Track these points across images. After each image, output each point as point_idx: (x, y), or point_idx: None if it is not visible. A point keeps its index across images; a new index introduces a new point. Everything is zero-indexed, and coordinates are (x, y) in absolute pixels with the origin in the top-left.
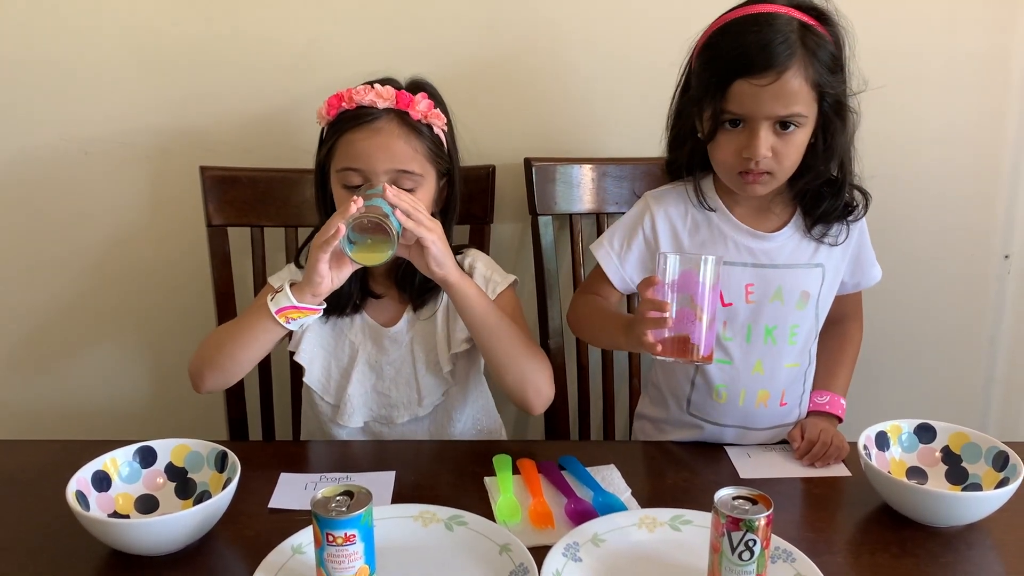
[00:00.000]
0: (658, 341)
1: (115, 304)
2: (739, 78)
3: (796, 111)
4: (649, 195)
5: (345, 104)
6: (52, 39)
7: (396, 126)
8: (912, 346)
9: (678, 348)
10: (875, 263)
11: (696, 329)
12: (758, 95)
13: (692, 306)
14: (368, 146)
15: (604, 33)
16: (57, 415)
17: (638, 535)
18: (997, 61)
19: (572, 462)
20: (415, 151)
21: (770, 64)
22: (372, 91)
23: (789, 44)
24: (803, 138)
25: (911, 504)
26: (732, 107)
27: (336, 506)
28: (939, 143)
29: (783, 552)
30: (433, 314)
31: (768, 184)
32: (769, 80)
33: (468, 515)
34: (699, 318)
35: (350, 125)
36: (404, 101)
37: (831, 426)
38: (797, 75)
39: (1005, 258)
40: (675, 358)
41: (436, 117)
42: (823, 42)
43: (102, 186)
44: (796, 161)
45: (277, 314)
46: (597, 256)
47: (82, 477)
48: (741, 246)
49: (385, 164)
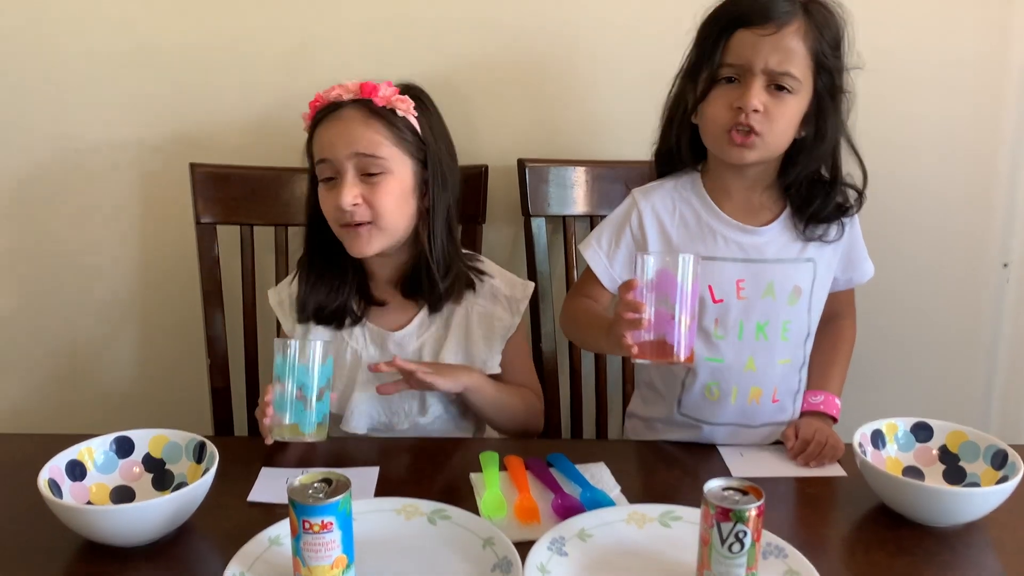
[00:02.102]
0: (636, 343)
1: (104, 301)
2: (741, 27)
3: (790, 70)
4: (636, 192)
5: (319, 104)
6: (43, 38)
7: (358, 112)
8: (911, 352)
9: (656, 350)
10: (867, 258)
11: (673, 330)
12: (757, 44)
13: (669, 306)
14: (331, 134)
15: (598, 35)
16: (44, 412)
17: (626, 530)
18: (993, 64)
19: (561, 459)
20: (378, 134)
21: (772, 15)
22: (340, 87)
23: (793, 4)
24: (795, 106)
25: (908, 501)
26: (730, 58)
27: (313, 492)
28: (935, 147)
29: (775, 548)
30: (447, 331)
31: (756, 149)
32: (770, 31)
33: (452, 509)
34: (676, 318)
35: (318, 118)
36: (368, 89)
37: (826, 426)
38: (796, 34)
39: (1004, 266)
40: (653, 360)
41: (400, 101)
42: (827, 17)
43: (93, 184)
44: (786, 132)
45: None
46: (585, 255)
47: (55, 465)
48: (730, 241)
49: (347, 149)
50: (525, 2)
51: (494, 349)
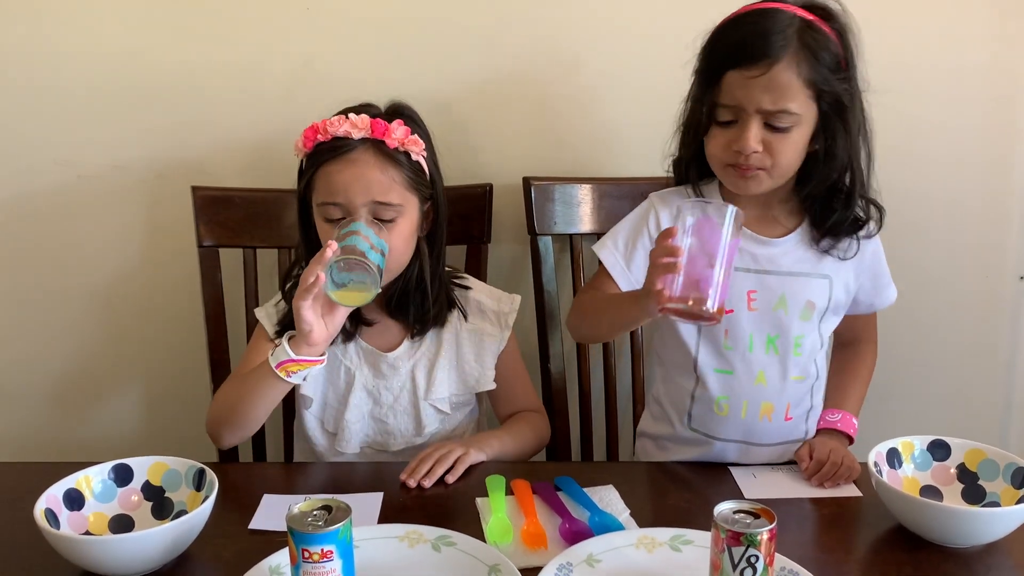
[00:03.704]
0: (667, 288)
1: (107, 329)
2: (731, 69)
3: (785, 107)
4: (654, 195)
5: (320, 136)
6: (45, 65)
7: (372, 156)
8: (927, 367)
9: (686, 301)
10: (891, 283)
11: (708, 278)
12: (748, 86)
13: (706, 254)
14: (345, 178)
15: (601, 52)
16: (46, 439)
17: (636, 555)
18: (1004, 74)
19: (568, 482)
20: (393, 181)
21: (761, 55)
22: (347, 121)
23: (785, 37)
24: (799, 137)
25: (926, 522)
26: (724, 99)
27: (312, 520)
28: (948, 159)
29: (789, 572)
30: (438, 349)
31: (762, 182)
32: (759, 72)
33: (456, 535)
34: (713, 267)
35: (327, 157)
36: (379, 130)
37: (841, 445)
38: (788, 69)
39: (1020, 279)
40: (682, 307)
41: (414, 143)
42: (824, 40)
43: (96, 211)
44: (793, 160)
45: (277, 368)
46: (601, 256)
47: (52, 495)
48: (744, 251)
49: (363, 196)
50: (527, 21)
51: (486, 365)
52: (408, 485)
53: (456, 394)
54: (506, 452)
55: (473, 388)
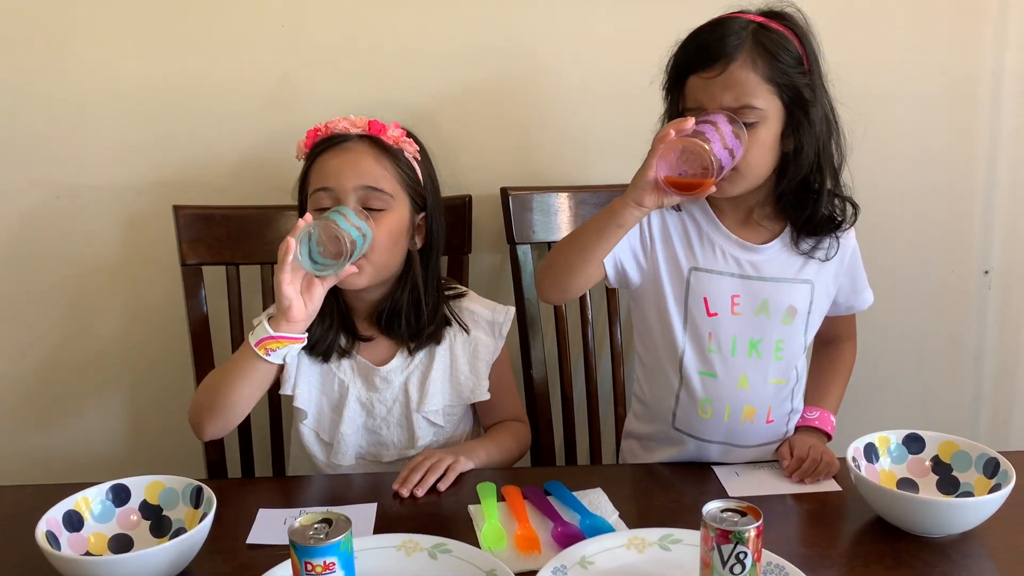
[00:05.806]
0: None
1: (91, 348)
2: (691, 74)
3: (748, 102)
4: None
5: (321, 133)
6: (22, 83)
7: (367, 147)
8: (897, 362)
9: (692, 141)
10: (867, 287)
11: (715, 139)
12: (707, 87)
13: (716, 128)
14: (337, 163)
15: (580, 61)
16: (31, 459)
17: (627, 556)
18: (968, 74)
19: (558, 487)
20: (385, 170)
21: (718, 55)
22: (346, 120)
23: (739, 38)
24: (767, 135)
25: (903, 514)
26: (689, 103)
27: (314, 534)
28: (913, 158)
29: (775, 567)
30: (431, 361)
31: (736, 184)
32: (716, 72)
33: (452, 542)
34: (719, 132)
35: (322, 147)
36: (376, 127)
37: (820, 442)
38: (744, 67)
39: (985, 273)
40: (677, 178)
41: (408, 144)
42: (780, 38)
43: (75, 230)
44: (763, 159)
45: (256, 347)
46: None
47: (52, 517)
48: (728, 256)
49: (353, 180)
50: (502, 34)
51: (481, 375)
52: (401, 495)
53: (450, 405)
54: (491, 461)
55: (467, 399)
